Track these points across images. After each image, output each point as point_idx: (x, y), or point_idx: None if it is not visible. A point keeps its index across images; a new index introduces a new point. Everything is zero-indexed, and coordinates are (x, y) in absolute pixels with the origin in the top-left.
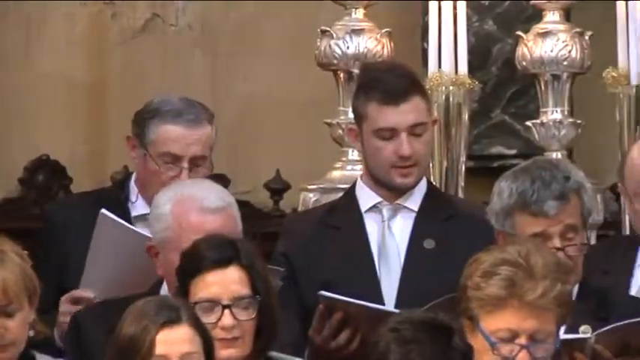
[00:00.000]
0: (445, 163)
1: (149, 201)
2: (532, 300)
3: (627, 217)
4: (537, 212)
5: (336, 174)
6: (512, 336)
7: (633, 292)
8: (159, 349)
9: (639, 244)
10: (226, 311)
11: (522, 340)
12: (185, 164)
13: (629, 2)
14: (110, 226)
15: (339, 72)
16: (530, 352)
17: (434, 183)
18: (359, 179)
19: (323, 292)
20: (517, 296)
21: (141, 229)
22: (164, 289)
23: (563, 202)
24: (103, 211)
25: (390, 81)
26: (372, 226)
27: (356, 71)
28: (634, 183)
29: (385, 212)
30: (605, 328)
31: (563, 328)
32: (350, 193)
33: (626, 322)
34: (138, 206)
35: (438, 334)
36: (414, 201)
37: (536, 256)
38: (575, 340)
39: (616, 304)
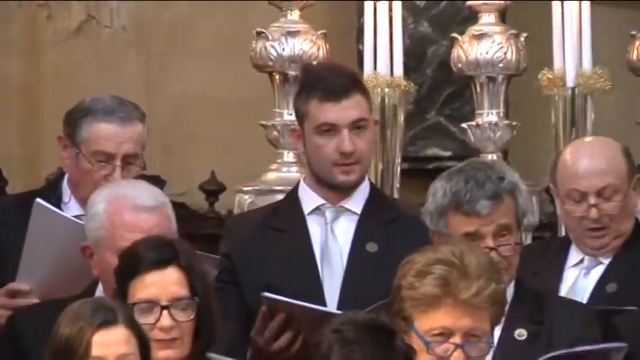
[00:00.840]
0: (380, 165)
1: (82, 202)
2: (466, 298)
3: (561, 219)
4: (470, 212)
5: (271, 176)
6: (447, 335)
7: (563, 293)
8: (95, 351)
9: (570, 246)
10: (165, 312)
11: (457, 339)
12: (118, 162)
13: (565, 3)
14: (45, 215)
15: (274, 73)
16: (464, 351)
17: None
18: (302, 181)
19: (266, 294)
20: (451, 295)
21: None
22: (99, 290)
23: (497, 202)
24: (38, 200)
25: (331, 79)
26: (314, 228)
27: (292, 73)
28: (565, 184)
29: (328, 214)
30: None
31: (499, 329)
32: (293, 195)
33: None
34: (71, 207)
35: (380, 335)
36: (357, 203)
37: (470, 255)
38: None
39: (549, 306)
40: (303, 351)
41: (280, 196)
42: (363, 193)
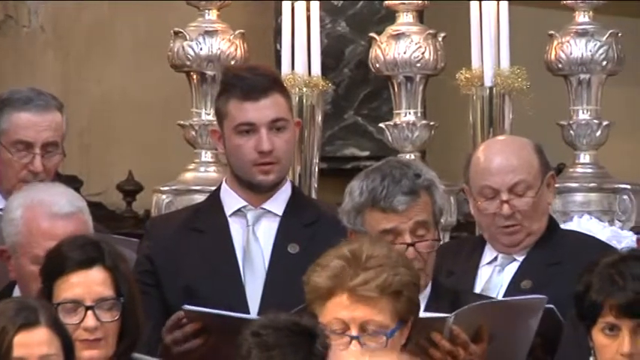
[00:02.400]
0: (298, 165)
1: (6, 194)
2: (353, 286)
3: (475, 217)
4: (387, 208)
5: (189, 176)
6: (344, 328)
7: (478, 290)
8: (17, 352)
9: (485, 244)
10: (89, 312)
11: (353, 331)
12: (37, 150)
13: (483, 3)
14: None
15: (192, 73)
16: (360, 344)
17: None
18: (224, 182)
19: (186, 307)
20: (340, 285)
21: None
22: (17, 292)
23: (413, 198)
24: None
25: (250, 79)
26: (236, 230)
27: (209, 72)
28: (477, 181)
29: (250, 216)
30: (462, 308)
31: None
32: (214, 196)
33: (483, 302)
34: None
35: (300, 339)
36: (279, 205)
37: (367, 249)
38: (434, 319)
39: (465, 303)
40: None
41: (198, 196)
42: (284, 194)
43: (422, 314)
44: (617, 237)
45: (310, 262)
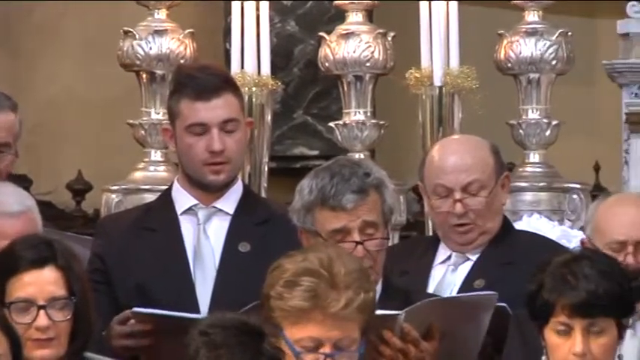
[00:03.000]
0: (248, 165)
1: None
2: (336, 312)
3: (430, 216)
4: (336, 206)
5: (138, 175)
6: (316, 345)
7: (431, 290)
8: None
9: (439, 243)
10: (41, 312)
11: (326, 349)
12: None
13: (432, 2)
14: None
15: (141, 73)
16: None
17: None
18: (175, 181)
19: (135, 309)
20: (320, 308)
21: None
22: None
23: (362, 196)
24: None
25: (202, 78)
26: (187, 228)
27: (159, 72)
28: (432, 180)
29: (201, 215)
30: (413, 306)
31: None
32: (166, 195)
33: (433, 299)
34: None
35: (248, 338)
36: (230, 204)
37: (339, 264)
38: (386, 316)
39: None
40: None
41: (148, 196)
42: (235, 193)
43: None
44: (567, 236)
45: (261, 261)
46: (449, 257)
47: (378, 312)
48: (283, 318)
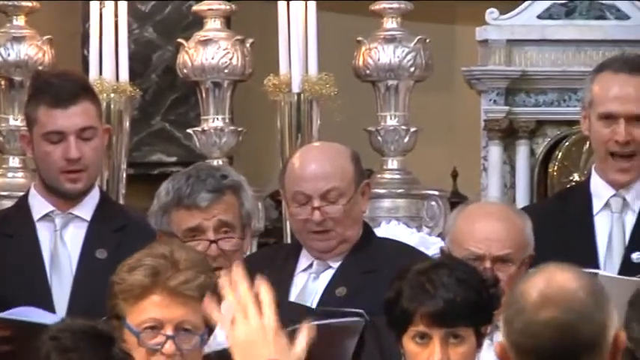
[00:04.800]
0: (106, 171)
1: None
2: (175, 286)
3: (288, 225)
4: (190, 205)
5: None
6: (158, 327)
7: (293, 298)
8: None
9: (300, 251)
10: None
11: (168, 331)
12: None
13: (291, 9)
14: None
15: None
16: (175, 343)
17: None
18: (32, 187)
19: None
20: (160, 283)
21: None
22: None
23: (217, 195)
24: None
25: (59, 85)
26: (44, 235)
27: (17, 78)
28: (291, 187)
29: (57, 221)
30: None
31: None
32: (22, 201)
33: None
34: None
35: (98, 342)
36: (87, 210)
37: (181, 251)
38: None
39: (280, 311)
40: None
41: (6, 202)
42: (93, 199)
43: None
44: (425, 243)
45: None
46: (310, 265)
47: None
48: (125, 301)
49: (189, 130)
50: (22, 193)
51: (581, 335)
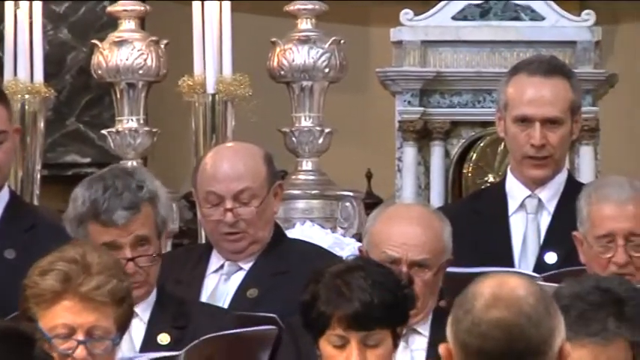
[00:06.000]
0: (20, 172)
1: None
2: (86, 291)
3: (201, 224)
4: (107, 221)
5: None
6: (70, 332)
7: (204, 299)
8: None
9: (212, 252)
10: None
11: (79, 336)
12: None
13: (205, 10)
14: None
15: None
16: (87, 348)
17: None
18: None
19: None
20: (72, 289)
21: None
22: None
23: (134, 212)
24: None
25: None
26: None
27: None
28: (203, 187)
29: None
30: (192, 344)
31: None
32: None
33: (213, 335)
34: None
35: (18, 343)
36: None
37: (93, 254)
38: (166, 358)
39: (191, 312)
40: None
41: None
42: (2, 200)
43: (153, 354)
44: (340, 244)
45: (27, 268)
46: (222, 266)
47: (157, 354)
48: (37, 305)
49: (103, 131)
50: None
51: (528, 339)
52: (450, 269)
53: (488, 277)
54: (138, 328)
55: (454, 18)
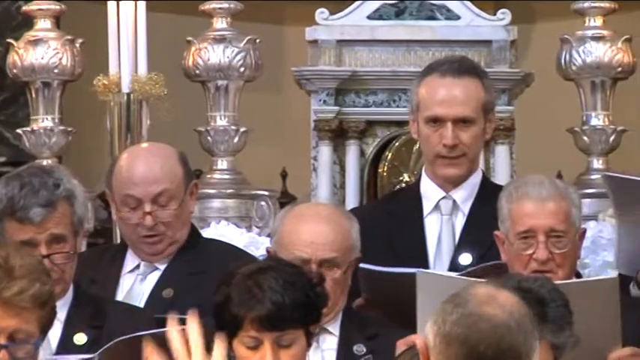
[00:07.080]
0: None
1: None
2: (8, 297)
3: (117, 225)
4: (23, 219)
5: None
6: None
7: (120, 299)
8: None
9: (127, 252)
10: None
11: (1, 340)
12: None
13: (121, 9)
14: None
15: None
16: (10, 352)
17: None
18: None
19: None
20: None
21: None
22: None
23: (50, 210)
24: None
25: None
26: None
27: None
28: (120, 190)
29: None
30: (105, 346)
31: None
32: None
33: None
34: None
35: None
36: None
37: (16, 257)
38: None
39: (108, 311)
40: None
41: None
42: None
43: (67, 357)
44: (255, 243)
45: None
46: (137, 266)
47: (70, 357)
48: None
49: (18, 130)
50: None
51: (513, 342)
52: (367, 266)
53: (483, 284)
54: (54, 328)
55: (369, 17)
